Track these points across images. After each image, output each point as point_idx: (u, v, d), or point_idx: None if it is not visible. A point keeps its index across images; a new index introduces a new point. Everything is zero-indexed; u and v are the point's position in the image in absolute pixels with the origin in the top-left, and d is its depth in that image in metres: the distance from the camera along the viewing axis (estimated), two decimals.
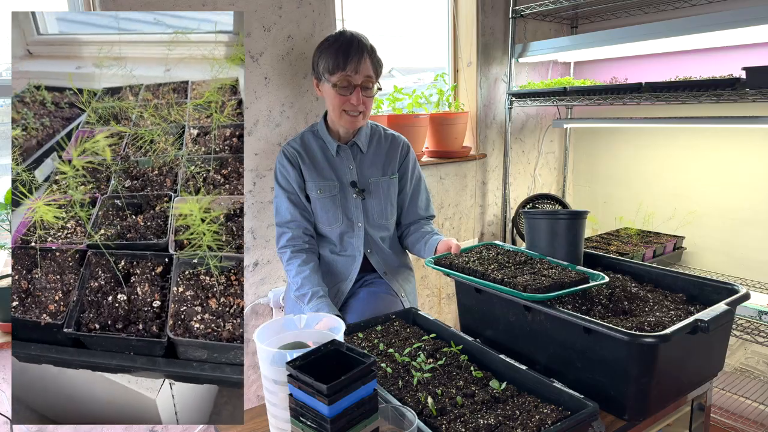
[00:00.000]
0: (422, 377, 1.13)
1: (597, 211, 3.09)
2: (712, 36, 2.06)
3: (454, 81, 2.80)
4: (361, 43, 1.58)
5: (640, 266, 1.46)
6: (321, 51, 1.62)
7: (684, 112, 2.53)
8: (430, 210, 1.86)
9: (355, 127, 1.68)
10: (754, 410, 2.36)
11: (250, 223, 2.07)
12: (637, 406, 1.08)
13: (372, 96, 1.64)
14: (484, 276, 1.27)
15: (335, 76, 1.58)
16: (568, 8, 2.61)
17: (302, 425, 0.87)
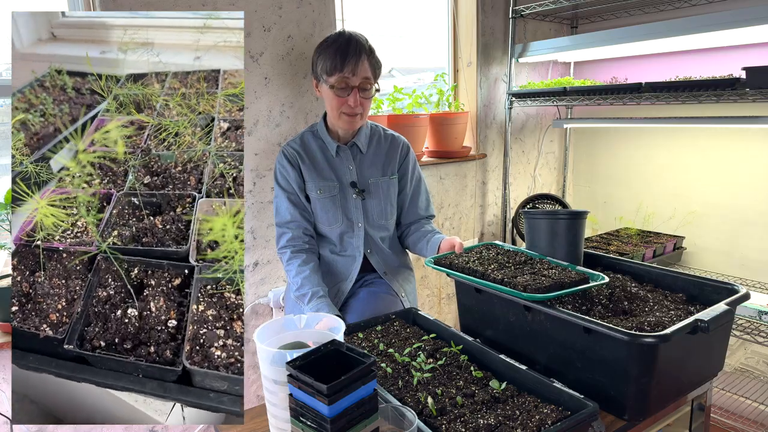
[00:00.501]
0: (422, 377, 1.13)
1: (597, 211, 3.09)
2: (712, 36, 2.06)
3: (454, 81, 2.80)
4: (360, 44, 1.57)
5: (640, 266, 1.46)
6: (320, 52, 1.61)
7: (684, 112, 2.53)
8: (430, 210, 1.86)
9: (353, 128, 1.68)
10: (754, 410, 2.36)
11: (250, 223, 2.07)
12: (637, 406, 1.08)
13: (370, 97, 1.64)
14: (484, 276, 1.27)
15: (333, 77, 1.57)
16: (568, 8, 2.61)
17: (302, 425, 0.87)
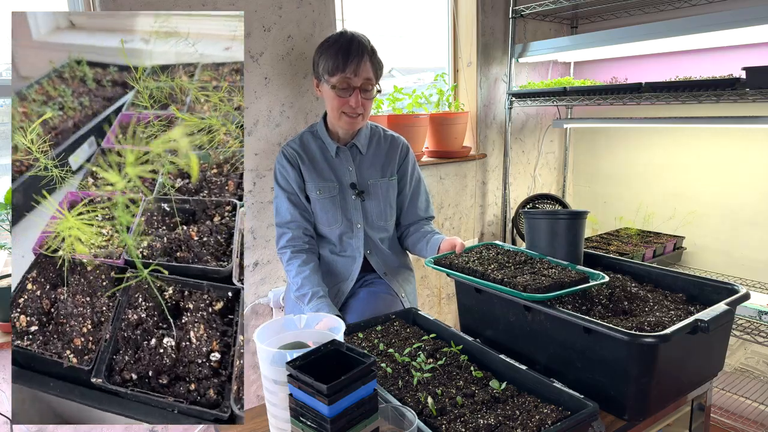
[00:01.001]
0: (422, 377, 1.13)
1: (597, 211, 3.09)
2: (712, 36, 2.06)
3: (454, 81, 2.80)
4: (362, 44, 1.57)
5: (640, 266, 1.46)
6: (321, 52, 1.60)
7: (684, 112, 2.53)
8: (430, 211, 1.86)
9: (354, 128, 1.68)
10: (754, 410, 2.36)
11: (250, 223, 2.07)
12: (637, 406, 1.08)
13: (371, 98, 1.63)
14: (484, 276, 1.27)
15: (335, 77, 1.57)
16: (568, 8, 2.61)
17: (302, 425, 0.87)
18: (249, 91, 1.99)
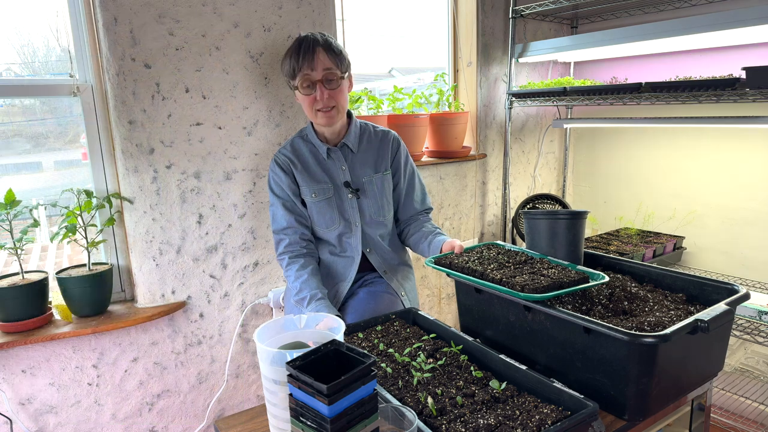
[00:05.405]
0: (422, 377, 1.13)
1: (597, 211, 3.09)
2: (712, 36, 2.06)
3: (454, 81, 2.80)
4: (313, 39, 1.60)
5: (640, 266, 1.46)
6: (282, 61, 1.66)
7: (684, 112, 2.53)
8: (427, 203, 1.86)
9: (333, 123, 1.66)
10: (754, 410, 2.36)
11: (250, 223, 2.07)
12: (637, 406, 1.08)
13: (338, 88, 1.62)
14: (484, 276, 1.27)
15: (296, 79, 1.60)
16: (568, 8, 2.61)
17: (302, 425, 0.87)
18: (249, 91, 1.99)
